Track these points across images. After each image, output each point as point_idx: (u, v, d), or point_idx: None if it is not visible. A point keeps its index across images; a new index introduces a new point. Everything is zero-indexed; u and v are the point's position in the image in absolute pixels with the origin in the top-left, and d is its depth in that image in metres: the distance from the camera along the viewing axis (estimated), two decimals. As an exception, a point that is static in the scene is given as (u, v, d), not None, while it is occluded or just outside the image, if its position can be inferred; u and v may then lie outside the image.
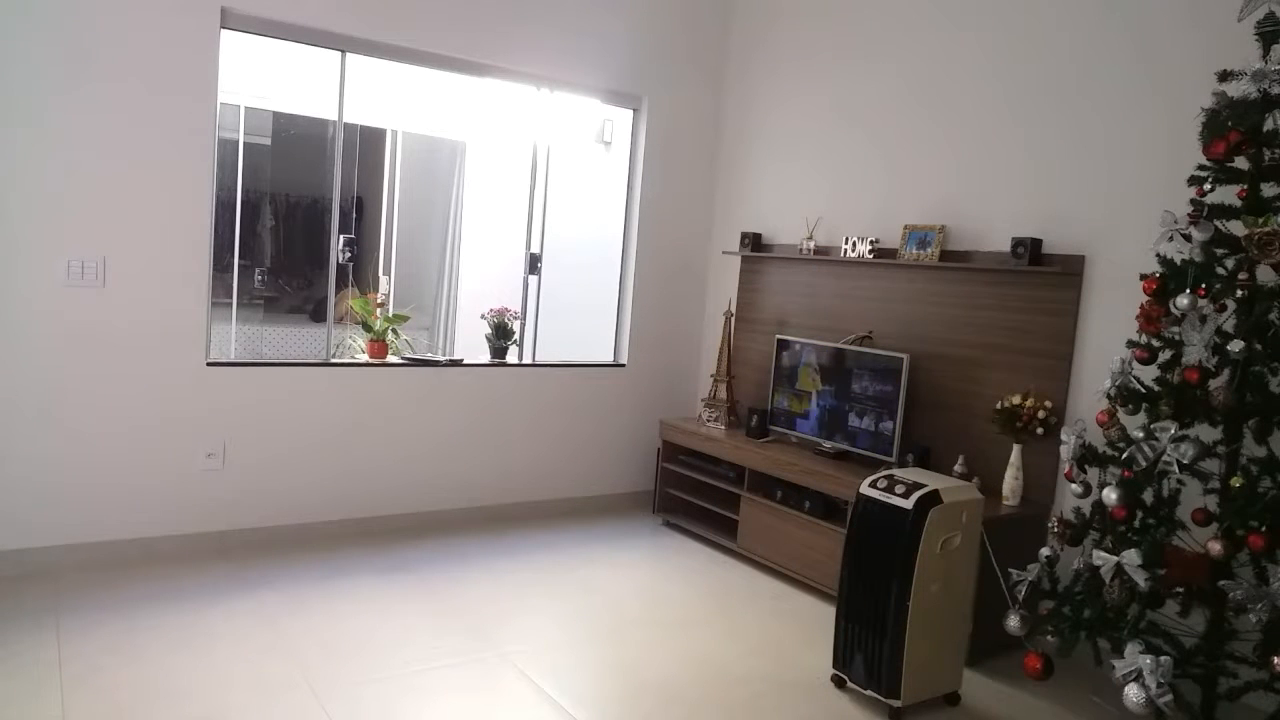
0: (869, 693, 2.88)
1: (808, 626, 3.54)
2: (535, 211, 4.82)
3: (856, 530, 2.92)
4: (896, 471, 2.94)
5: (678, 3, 4.93)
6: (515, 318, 4.73)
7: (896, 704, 2.81)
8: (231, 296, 5.92)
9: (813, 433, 4.20)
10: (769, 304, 4.79)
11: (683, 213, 5.14)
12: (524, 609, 3.52)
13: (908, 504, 2.79)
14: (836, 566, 3.69)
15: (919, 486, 2.82)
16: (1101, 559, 2.42)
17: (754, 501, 4.19)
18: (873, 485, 2.91)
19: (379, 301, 4.50)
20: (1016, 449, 3.46)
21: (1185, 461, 2.37)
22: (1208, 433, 2.47)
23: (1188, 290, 2.46)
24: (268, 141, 6.32)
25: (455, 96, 5.95)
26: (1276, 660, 2.18)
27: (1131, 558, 2.35)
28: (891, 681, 2.80)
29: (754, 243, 4.78)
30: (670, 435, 4.75)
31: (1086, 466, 2.67)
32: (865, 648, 2.86)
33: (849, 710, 2.89)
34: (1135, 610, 2.43)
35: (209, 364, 3.79)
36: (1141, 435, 2.47)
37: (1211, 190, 2.52)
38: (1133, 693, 2.23)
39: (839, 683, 3.03)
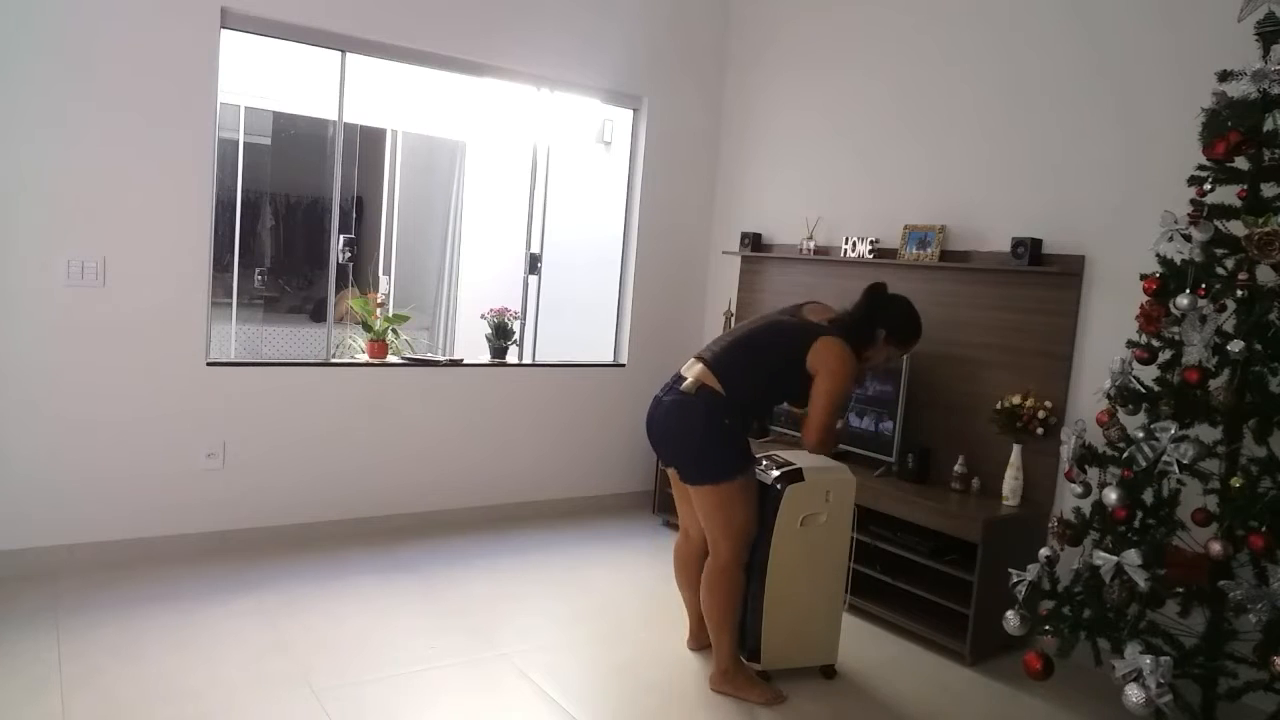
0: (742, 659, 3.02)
1: (808, 626, 3.54)
2: (535, 211, 4.82)
3: None
4: (781, 453, 3.09)
5: (678, 3, 4.92)
6: (515, 318, 4.73)
7: (758, 666, 2.99)
8: (231, 296, 5.93)
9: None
10: (769, 304, 4.78)
11: (683, 213, 5.14)
12: (524, 609, 3.52)
13: (770, 479, 2.95)
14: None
15: (786, 464, 2.99)
16: (1101, 559, 2.42)
17: (754, 501, 4.19)
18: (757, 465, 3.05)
19: (379, 301, 4.51)
20: (1016, 449, 3.46)
21: (1185, 461, 2.37)
22: (1208, 433, 2.47)
23: (1188, 290, 2.46)
24: (268, 141, 6.33)
25: (455, 96, 5.95)
26: (1276, 660, 2.18)
27: (1131, 558, 2.35)
28: (754, 645, 2.99)
29: (754, 243, 4.78)
30: (670, 435, 4.75)
31: (1086, 466, 2.67)
32: (741, 614, 2.99)
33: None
34: (1135, 610, 2.43)
35: (209, 364, 3.79)
36: (1141, 435, 2.47)
37: (1211, 190, 2.52)
38: (1133, 693, 2.23)
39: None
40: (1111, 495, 2.46)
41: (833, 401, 2.76)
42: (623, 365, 5.05)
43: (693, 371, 2.88)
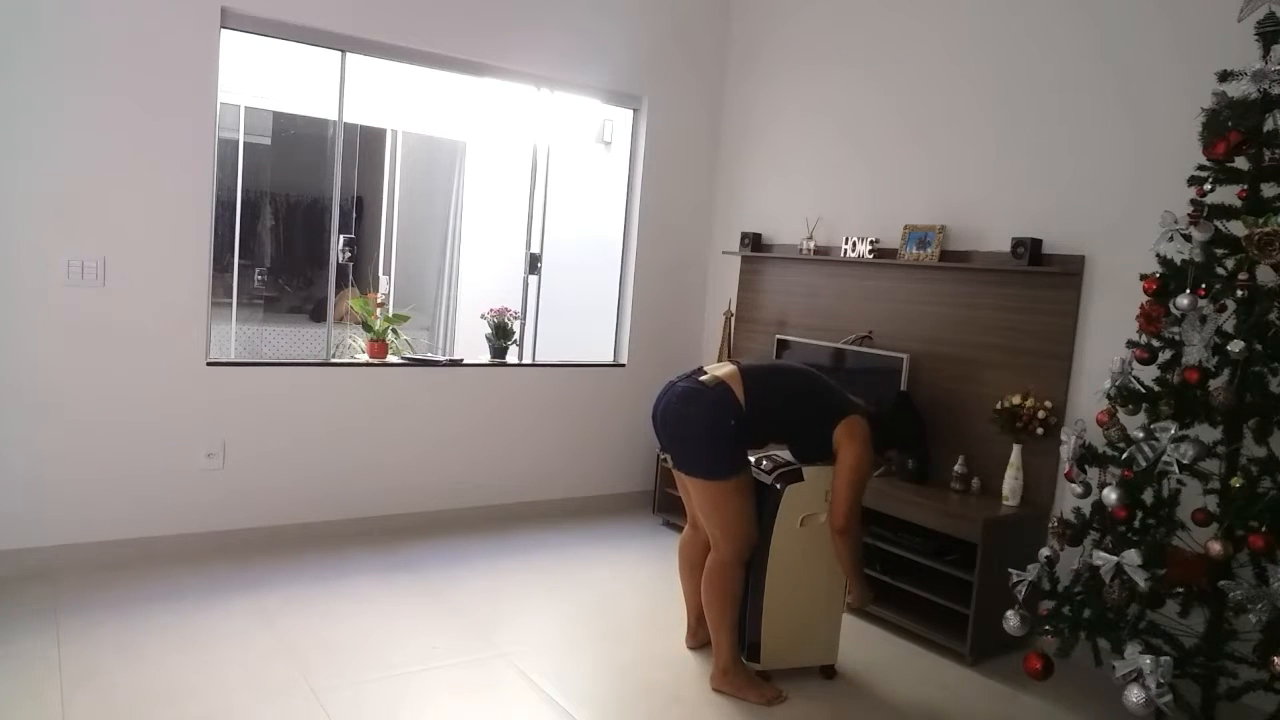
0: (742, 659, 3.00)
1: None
2: (535, 211, 4.82)
3: None
4: (778, 453, 3.07)
5: (678, 3, 4.92)
6: (515, 318, 4.73)
7: (758, 666, 2.99)
8: (231, 296, 5.93)
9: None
10: (769, 304, 4.79)
11: (683, 213, 5.14)
12: (524, 609, 3.52)
13: (769, 479, 2.95)
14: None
15: (785, 464, 2.98)
16: (1101, 559, 2.41)
17: (754, 501, 4.18)
18: (756, 465, 3.04)
19: (379, 301, 4.51)
20: (1016, 449, 3.46)
21: (1185, 461, 2.37)
22: (1208, 433, 2.47)
23: (1188, 290, 2.46)
24: (268, 141, 6.33)
25: (455, 96, 5.96)
26: (1276, 660, 2.18)
27: (1131, 558, 2.35)
28: (754, 645, 2.98)
29: (754, 243, 4.78)
30: (670, 435, 4.74)
31: (1086, 466, 2.67)
32: (740, 612, 2.97)
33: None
34: (1135, 610, 2.43)
35: (209, 364, 3.79)
36: (1141, 435, 2.47)
37: (1211, 190, 2.52)
38: (1133, 693, 2.23)
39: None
40: (1111, 495, 2.46)
41: (859, 478, 2.81)
42: (623, 365, 5.05)
43: (720, 370, 2.91)
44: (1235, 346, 2.36)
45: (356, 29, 3.98)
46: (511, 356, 4.75)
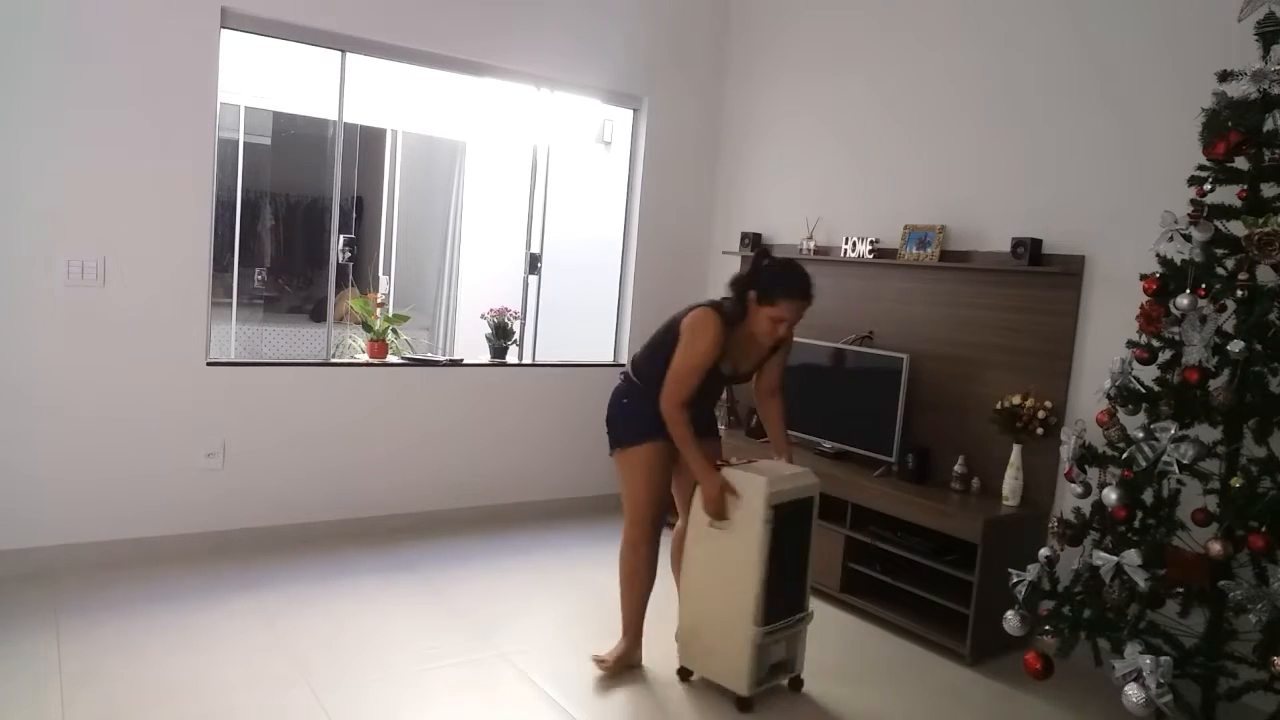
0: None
1: (808, 626, 3.54)
2: (535, 211, 4.82)
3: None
4: (765, 461, 2.96)
5: (678, 3, 4.92)
6: (515, 318, 4.73)
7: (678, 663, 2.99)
8: (231, 296, 5.93)
9: (812, 432, 4.20)
10: (769, 304, 4.78)
11: (683, 213, 5.13)
12: (524, 609, 3.52)
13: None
14: (833, 564, 3.70)
15: (743, 463, 2.88)
16: (1101, 559, 2.42)
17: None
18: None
19: (379, 301, 4.51)
20: (1016, 449, 3.46)
21: (1185, 461, 2.37)
22: (1208, 433, 2.47)
23: (1188, 290, 2.46)
24: (268, 141, 6.34)
25: (455, 96, 5.96)
26: (1277, 660, 2.18)
27: (1131, 558, 2.35)
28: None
29: (754, 243, 4.78)
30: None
31: (1086, 466, 2.67)
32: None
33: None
34: (1135, 610, 2.43)
35: (209, 364, 3.79)
36: (1141, 435, 2.47)
37: (1211, 190, 2.52)
38: (1133, 693, 2.23)
39: None
40: (1111, 495, 2.47)
41: (682, 361, 2.79)
42: (622, 365, 5.04)
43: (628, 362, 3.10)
44: (1235, 346, 2.36)
45: (356, 29, 3.98)
46: (511, 356, 4.75)
